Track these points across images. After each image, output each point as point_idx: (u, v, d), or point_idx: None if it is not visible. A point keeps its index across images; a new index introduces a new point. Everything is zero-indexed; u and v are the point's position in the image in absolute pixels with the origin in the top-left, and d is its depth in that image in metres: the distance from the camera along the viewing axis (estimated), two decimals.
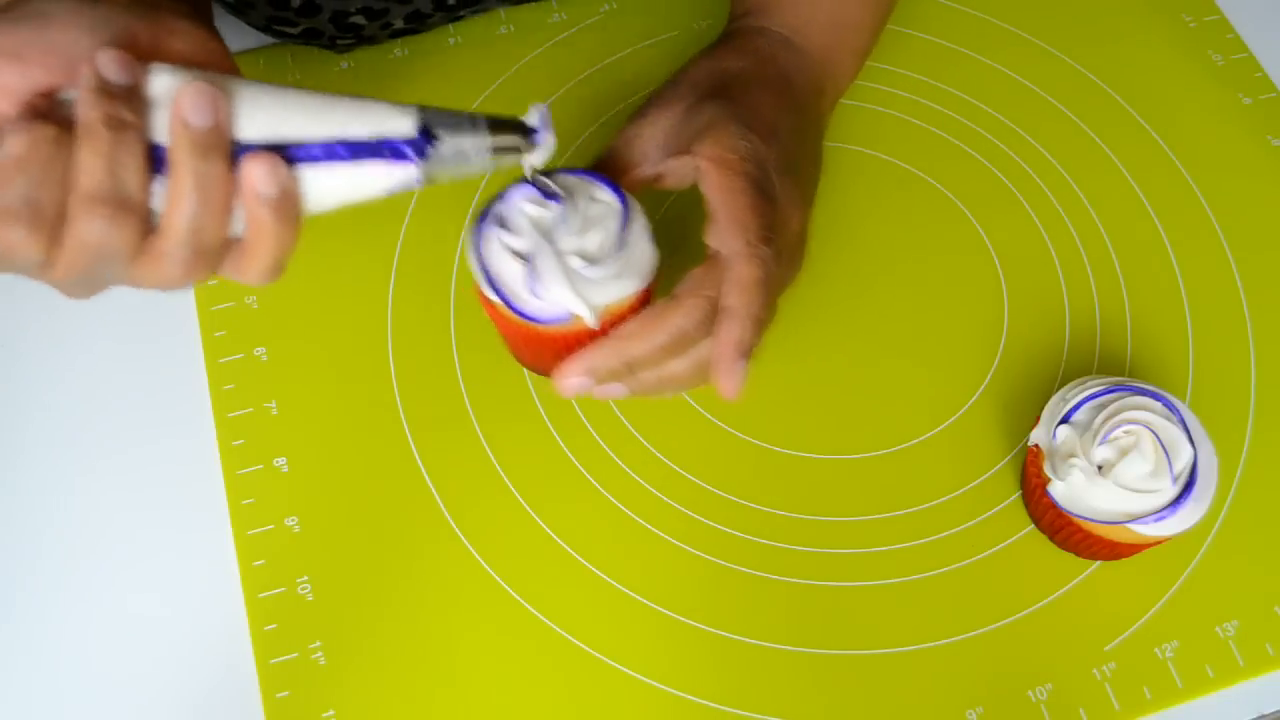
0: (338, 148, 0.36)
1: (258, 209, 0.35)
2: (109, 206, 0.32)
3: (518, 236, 0.45)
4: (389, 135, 0.37)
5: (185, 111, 0.33)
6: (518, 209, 0.45)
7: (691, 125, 0.47)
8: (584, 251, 0.44)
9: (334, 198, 0.38)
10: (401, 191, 0.38)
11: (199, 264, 0.35)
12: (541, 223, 0.45)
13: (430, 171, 0.38)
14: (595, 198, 0.46)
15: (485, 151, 0.39)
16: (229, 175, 0.34)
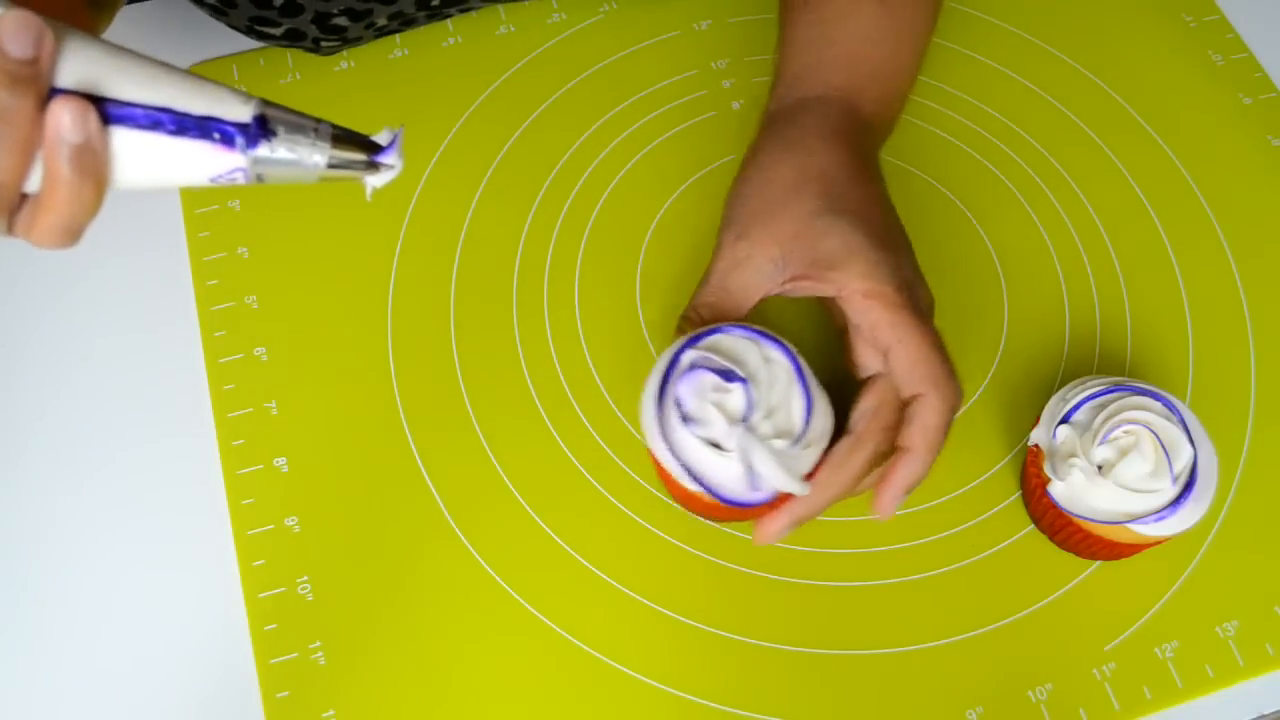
0: (162, 116, 0.34)
1: (57, 158, 0.32)
2: None
3: (709, 425, 0.45)
4: (221, 117, 0.35)
5: (3, 38, 0.30)
6: (699, 395, 0.45)
7: (816, 248, 0.48)
8: (781, 430, 0.46)
9: (146, 172, 0.35)
10: (225, 184, 0.36)
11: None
12: (727, 406, 0.45)
13: (258, 169, 0.36)
14: (768, 358, 0.47)
15: (321, 162, 0.37)
16: (37, 117, 0.32)
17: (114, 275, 0.59)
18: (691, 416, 0.45)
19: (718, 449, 0.45)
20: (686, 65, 0.66)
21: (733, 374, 0.45)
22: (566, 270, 0.60)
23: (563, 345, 0.57)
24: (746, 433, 0.44)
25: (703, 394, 0.45)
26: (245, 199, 0.61)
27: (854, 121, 0.54)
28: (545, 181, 0.62)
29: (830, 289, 0.48)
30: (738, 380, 0.45)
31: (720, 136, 0.64)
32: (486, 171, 0.62)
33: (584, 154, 0.63)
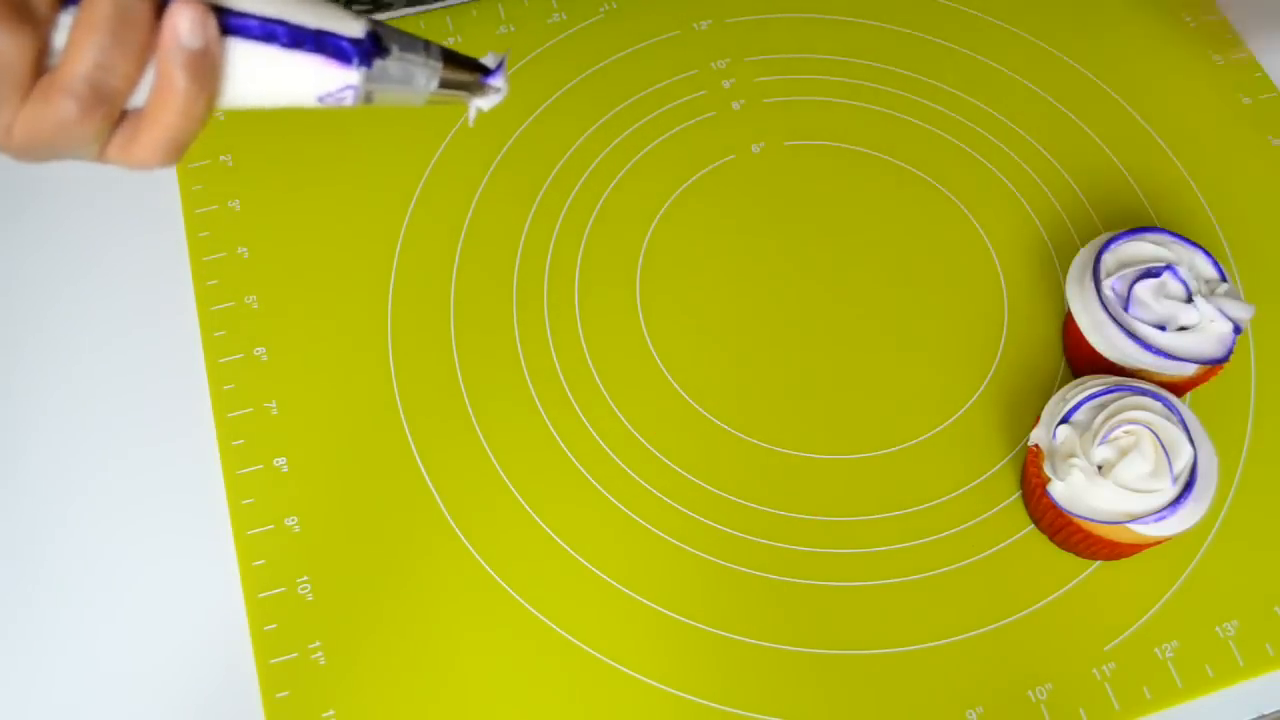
0: (277, 28, 0.33)
1: (172, 65, 0.31)
2: (3, 7, 0.28)
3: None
4: (336, 32, 0.34)
5: None
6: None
7: None
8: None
9: (258, 86, 0.34)
10: (334, 105, 0.35)
11: (96, 111, 0.31)
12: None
13: (370, 86, 0.35)
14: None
15: (434, 79, 0.36)
16: (152, 18, 0.31)
17: (114, 275, 0.59)
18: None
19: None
20: (686, 65, 0.66)
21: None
22: (566, 270, 0.60)
23: (563, 345, 0.57)
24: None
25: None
26: (245, 199, 0.61)
27: None
28: (545, 181, 0.62)
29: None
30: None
31: (720, 136, 0.64)
32: (486, 171, 0.62)
33: (584, 154, 0.63)
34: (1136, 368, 0.52)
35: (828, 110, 0.65)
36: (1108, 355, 0.53)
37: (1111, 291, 0.52)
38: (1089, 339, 0.53)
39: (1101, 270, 0.53)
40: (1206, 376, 0.53)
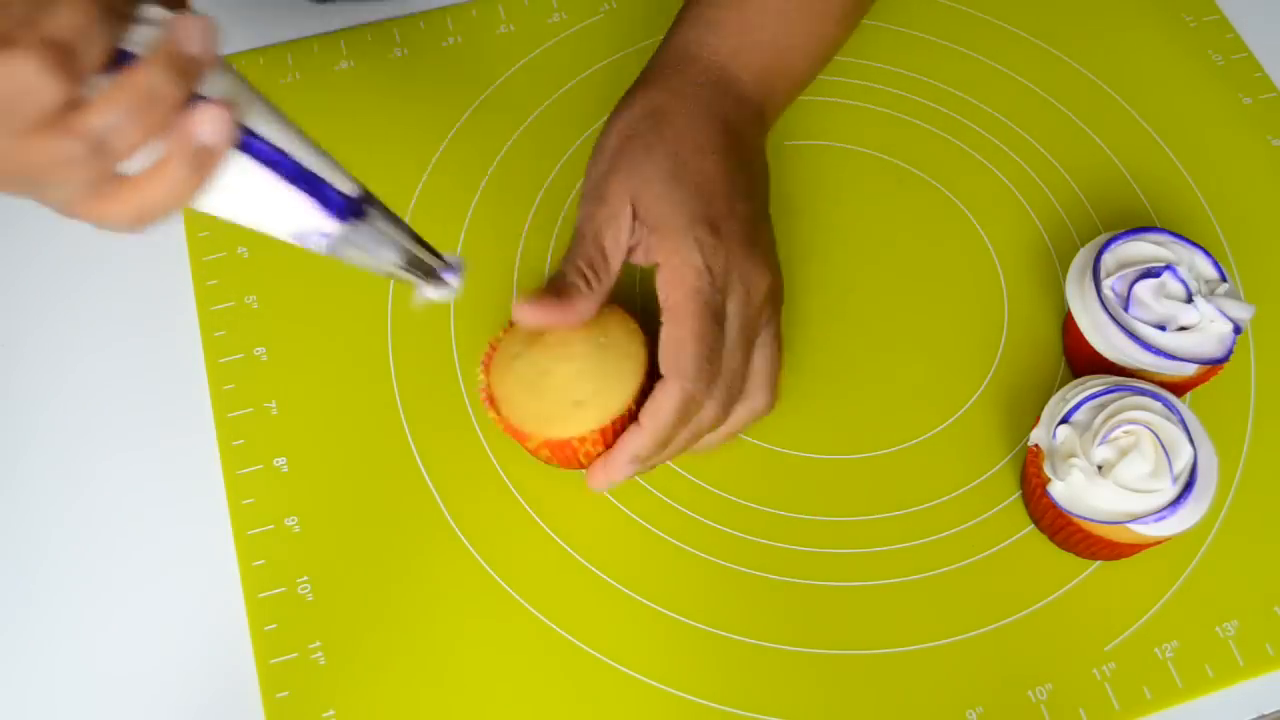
0: (282, 160, 0.35)
1: (180, 150, 0.34)
2: (55, 54, 0.31)
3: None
4: (330, 181, 0.36)
5: (185, 32, 0.33)
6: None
7: (651, 211, 0.48)
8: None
9: (241, 203, 0.36)
10: (297, 243, 0.37)
11: (93, 161, 0.33)
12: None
13: (343, 239, 0.37)
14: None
15: (400, 254, 0.39)
16: (178, 107, 0.33)
17: (114, 275, 0.59)
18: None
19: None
20: None
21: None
22: None
23: None
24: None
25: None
26: None
27: (726, 93, 0.52)
28: (545, 181, 0.62)
29: (646, 258, 0.48)
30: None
31: None
32: (487, 171, 0.62)
33: (584, 154, 0.63)
34: (1136, 368, 0.52)
35: (827, 110, 0.65)
36: (1108, 355, 0.53)
37: (1111, 291, 0.52)
38: (1089, 339, 0.53)
39: (1101, 270, 0.53)
40: (1206, 376, 0.53)
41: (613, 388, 0.48)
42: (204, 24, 0.33)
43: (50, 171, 0.33)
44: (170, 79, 0.33)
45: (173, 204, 0.35)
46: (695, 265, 0.47)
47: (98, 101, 0.32)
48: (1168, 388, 0.51)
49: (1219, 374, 0.54)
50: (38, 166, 0.33)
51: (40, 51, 0.30)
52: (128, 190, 0.34)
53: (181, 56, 0.33)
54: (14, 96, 0.31)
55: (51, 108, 0.31)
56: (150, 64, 0.33)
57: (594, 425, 0.48)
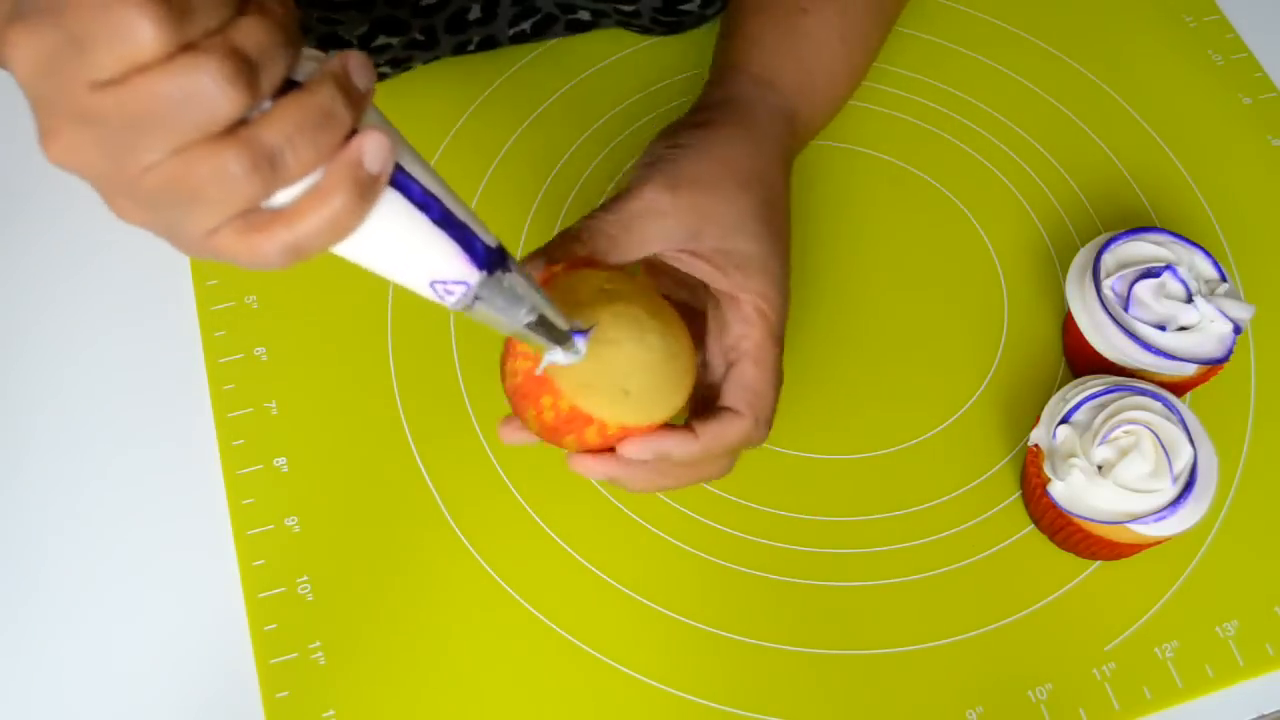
0: (433, 203, 0.34)
1: (343, 178, 0.32)
2: (240, 65, 0.30)
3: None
4: (475, 232, 0.35)
5: (352, 65, 0.32)
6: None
7: (736, 245, 0.47)
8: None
9: (386, 246, 0.35)
10: (436, 296, 0.36)
11: (257, 177, 0.31)
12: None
13: (481, 291, 0.36)
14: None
15: (532, 315, 0.38)
16: (346, 133, 0.32)
17: (114, 275, 0.59)
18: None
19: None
20: (686, 65, 0.66)
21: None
22: None
23: None
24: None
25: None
26: None
27: (794, 134, 0.53)
28: (545, 181, 0.62)
29: (726, 286, 0.47)
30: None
31: None
32: (487, 171, 0.62)
33: (584, 154, 0.63)
34: (1136, 368, 0.52)
35: None
36: (1108, 355, 0.53)
37: (1111, 291, 0.52)
38: (1089, 339, 0.53)
39: (1101, 270, 0.53)
40: (1206, 376, 0.53)
41: (662, 398, 0.44)
42: (365, 60, 0.33)
43: (209, 188, 0.31)
44: (342, 101, 0.32)
45: (331, 237, 0.33)
46: (778, 309, 0.47)
47: (272, 115, 0.31)
48: (1168, 388, 0.51)
49: (1219, 374, 0.54)
50: (197, 183, 0.31)
51: (224, 61, 0.29)
52: (281, 222, 0.33)
53: (351, 83, 0.32)
54: (190, 105, 0.30)
55: (226, 120, 0.30)
56: (324, 84, 0.32)
57: (626, 421, 0.44)
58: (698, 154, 0.49)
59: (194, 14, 0.29)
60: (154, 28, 0.28)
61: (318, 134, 0.32)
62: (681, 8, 0.63)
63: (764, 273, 0.47)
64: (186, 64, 0.29)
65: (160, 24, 0.28)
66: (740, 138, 0.50)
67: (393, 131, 0.34)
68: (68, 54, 0.29)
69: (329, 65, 0.32)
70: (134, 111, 0.30)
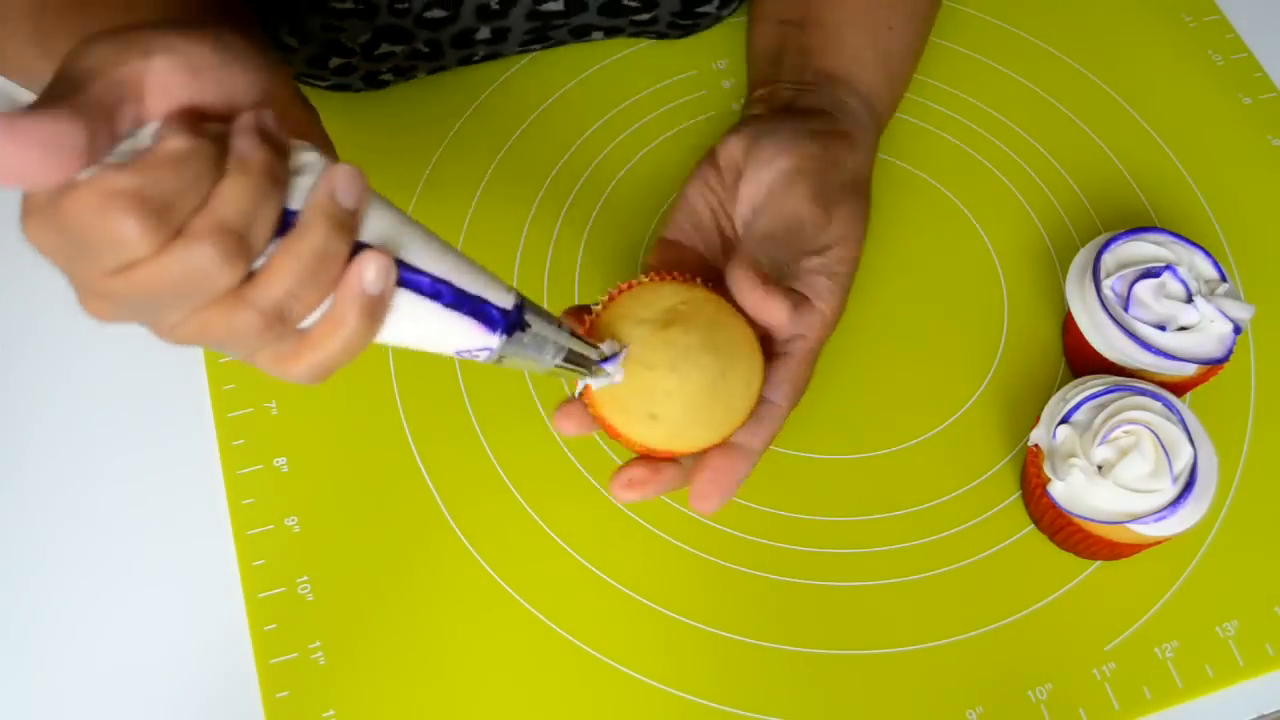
0: (443, 288, 0.35)
1: (349, 304, 0.34)
2: (230, 241, 0.31)
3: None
4: (489, 299, 0.37)
5: (337, 186, 0.33)
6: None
7: (838, 257, 0.50)
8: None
9: (409, 333, 0.36)
10: (467, 358, 0.38)
11: (272, 329, 0.33)
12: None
13: (505, 351, 0.37)
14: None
15: (559, 355, 0.39)
16: (345, 261, 0.34)
17: None
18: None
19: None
20: (686, 65, 0.66)
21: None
22: (567, 270, 0.59)
23: None
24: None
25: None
26: None
27: (878, 133, 0.57)
28: (545, 181, 0.62)
29: (809, 292, 0.49)
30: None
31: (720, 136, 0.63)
32: (487, 171, 0.62)
33: (584, 154, 0.63)
34: (1136, 368, 0.52)
35: None
36: (1108, 355, 0.53)
37: (1111, 291, 0.52)
38: (1089, 339, 0.53)
39: (1101, 270, 0.53)
40: (1206, 376, 0.53)
41: (692, 429, 0.44)
42: (353, 173, 0.33)
43: (230, 342, 0.34)
44: (336, 236, 0.33)
45: (350, 354, 0.35)
46: (838, 316, 0.50)
47: (271, 271, 0.33)
48: (1168, 388, 0.51)
49: (1219, 374, 0.54)
50: (216, 338, 0.33)
51: (214, 242, 0.31)
52: (305, 349, 0.35)
53: (341, 211, 0.33)
54: (192, 283, 0.31)
55: (228, 289, 0.32)
56: (314, 225, 0.33)
57: (651, 445, 0.44)
58: (833, 167, 0.51)
59: (174, 205, 0.30)
60: (140, 232, 0.30)
61: (318, 277, 0.33)
62: (699, 10, 0.64)
63: (845, 287, 0.50)
64: (180, 251, 0.31)
65: (145, 227, 0.30)
66: (862, 146, 0.54)
67: (394, 221, 0.35)
68: (74, 251, 0.31)
69: (317, 200, 0.33)
70: (145, 293, 0.31)
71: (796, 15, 0.59)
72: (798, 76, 0.56)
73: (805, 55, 0.57)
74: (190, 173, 0.31)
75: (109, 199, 0.29)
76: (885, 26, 0.58)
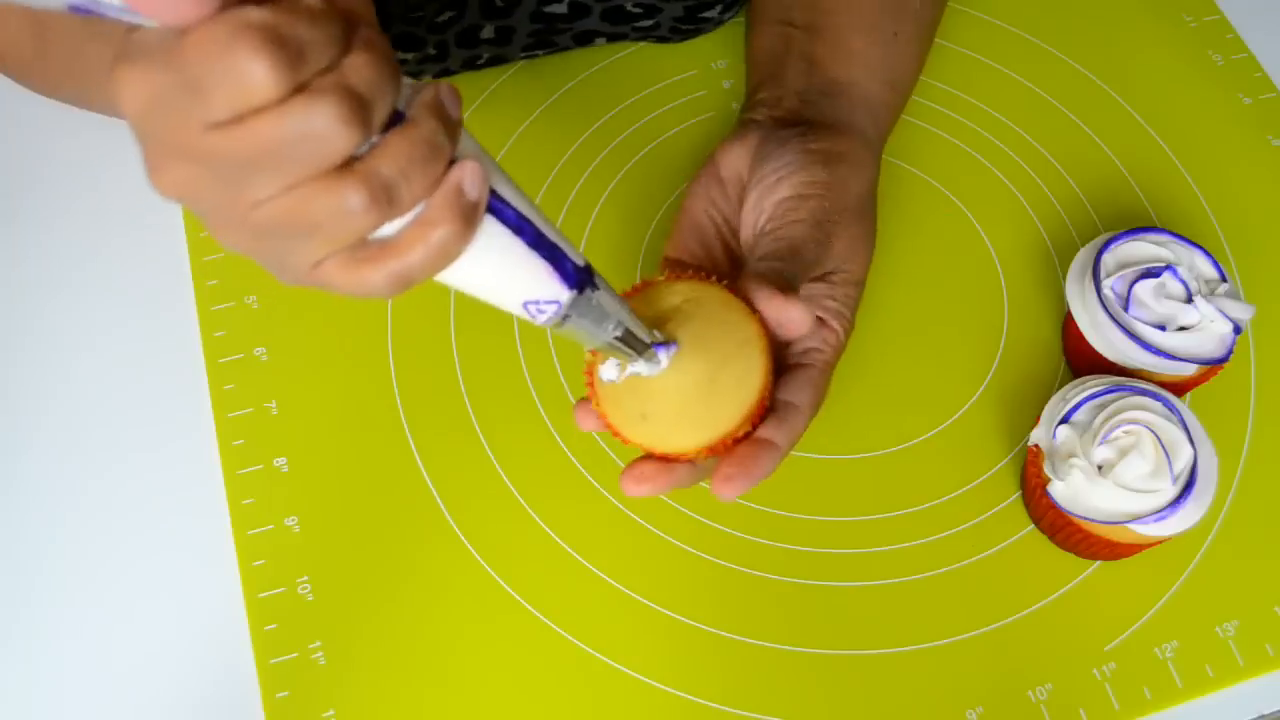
0: (527, 226, 0.35)
1: (446, 206, 0.33)
2: (356, 105, 0.30)
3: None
4: (565, 252, 0.36)
5: (444, 95, 0.33)
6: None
7: (843, 279, 0.50)
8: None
9: (482, 270, 0.35)
10: (529, 315, 0.36)
11: (374, 211, 0.31)
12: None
13: (570, 310, 0.36)
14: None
15: (619, 330, 0.38)
16: (446, 164, 0.33)
17: (114, 275, 0.59)
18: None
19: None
20: (686, 65, 0.66)
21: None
22: None
23: (563, 344, 0.57)
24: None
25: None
26: None
27: (882, 146, 0.57)
28: (545, 181, 0.62)
29: (820, 310, 0.49)
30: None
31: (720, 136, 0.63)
32: None
33: (584, 154, 0.63)
34: (1136, 368, 0.52)
35: None
36: (1108, 355, 0.53)
37: (1111, 291, 0.52)
38: (1089, 339, 0.53)
39: (1101, 270, 0.53)
40: (1206, 376, 0.53)
41: (683, 430, 0.43)
42: (454, 90, 0.33)
43: (327, 222, 0.32)
44: (443, 132, 0.32)
45: (438, 265, 0.33)
46: (849, 334, 0.50)
47: (386, 149, 0.31)
48: (1168, 388, 0.51)
49: (1219, 374, 0.54)
50: (314, 217, 0.31)
51: (340, 102, 0.29)
52: (390, 254, 0.33)
53: (447, 113, 0.33)
54: (306, 145, 0.30)
55: (341, 158, 0.30)
56: (427, 116, 0.32)
57: (645, 444, 0.44)
58: (837, 192, 0.50)
59: (307, 55, 0.29)
60: (269, 72, 0.28)
61: (427, 165, 0.32)
62: (702, 15, 0.64)
63: (852, 309, 0.50)
64: (303, 105, 0.29)
65: (275, 68, 0.28)
66: (866, 166, 0.54)
67: (485, 156, 0.34)
68: (181, 96, 0.29)
69: (425, 97, 0.32)
70: (249, 152, 0.30)
71: (801, 19, 0.58)
72: (803, 84, 0.56)
73: (811, 63, 0.57)
74: (325, 28, 0.29)
75: (242, 31, 0.27)
76: (891, 34, 0.58)
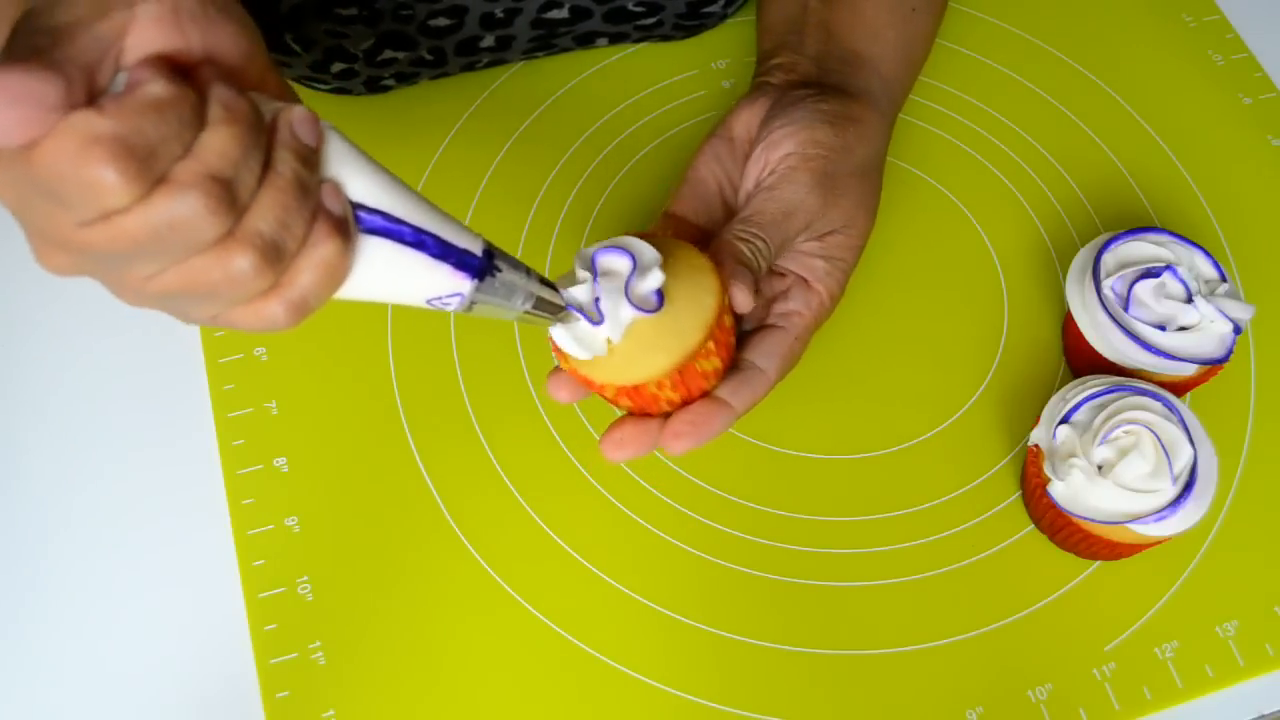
0: (408, 229, 0.35)
1: (323, 228, 0.33)
2: (219, 190, 0.30)
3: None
4: (460, 245, 0.36)
5: (297, 127, 0.32)
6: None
7: (838, 242, 0.50)
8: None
9: (380, 279, 0.35)
10: (438, 307, 0.37)
11: (268, 269, 0.32)
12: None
13: (476, 297, 0.37)
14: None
15: (529, 301, 0.39)
16: (318, 194, 0.33)
17: None
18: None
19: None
20: (686, 65, 0.66)
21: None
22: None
23: None
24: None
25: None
26: None
27: (892, 127, 0.57)
28: (545, 181, 0.62)
29: (809, 274, 0.50)
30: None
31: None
32: (487, 171, 0.62)
33: (584, 154, 0.63)
34: (1136, 368, 0.52)
35: None
36: (1107, 355, 0.53)
37: (1111, 292, 0.52)
38: (1089, 339, 0.53)
39: (1101, 270, 0.53)
40: (1206, 376, 0.53)
41: (651, 353, 0.43)
42: (307, 117, 0.33)
43: (222, 289, 0.32)
44: (307, 168, 0.32)
45: (331, 283, 0.34)
46: (838, 298, 0.51)
47: (259, 208, 0.31)
48: (1168, 388, 0.51)
49: (1219, 374, 0.54)
50: (208, 286, 0.32)
51: (202, 191, 0.29)
52: (282, 286, 0.33)
53: (303, 146, 0.32)
54: (178, 232, 0.30)
55: (215, 239, 0.31)
56: (289, 159, 0.32)
57: (609, 380, 0.44)
58: (842, 154, 0.51)
59: (158, 152, 0.29)
60: (121, 179, 0.28)
61: (301, 208, 0.32)
62: (705, 10, 0.63)
63: (845, 273, 0.51)
64: (164, 199, 0.29)
65: (127, 174, 0.28)
66: (876, 134, 0.53)
67: (352, 155, 0.34)
68: (44, 201, 0.29)
69: (283, 136, 0.32)
70: (123, 245, 0.30)
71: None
72: (820, 50, 0.56)
73: (828, 31, 0.56)
74: (173, 119, 0.29)
75: (87, 145, 0.28)
76: (909, 8, 0.58)
